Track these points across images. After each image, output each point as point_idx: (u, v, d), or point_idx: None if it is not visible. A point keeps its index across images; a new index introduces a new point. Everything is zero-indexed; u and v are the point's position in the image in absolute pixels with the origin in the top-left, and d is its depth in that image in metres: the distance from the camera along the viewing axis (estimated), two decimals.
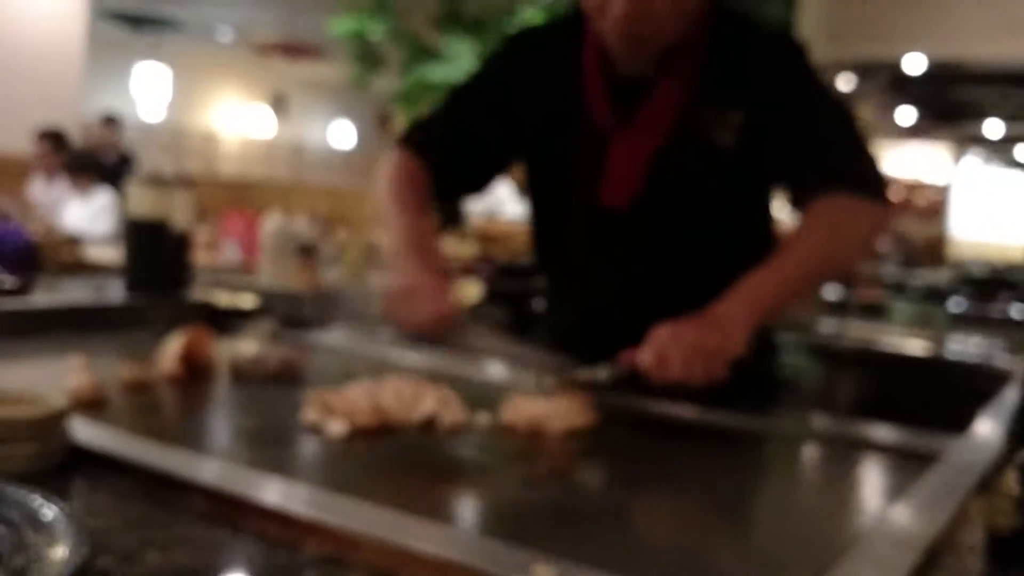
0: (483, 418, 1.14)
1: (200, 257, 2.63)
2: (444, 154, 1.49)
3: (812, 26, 4.85)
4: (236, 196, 10.86)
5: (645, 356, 1.16)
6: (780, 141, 1.33)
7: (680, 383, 1.14)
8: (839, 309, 3.24)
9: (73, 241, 2.64)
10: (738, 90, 1.35)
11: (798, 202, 1.33)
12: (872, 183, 1.33)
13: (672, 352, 1.14)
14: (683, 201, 1.39)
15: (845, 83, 5.77)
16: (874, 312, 3.22)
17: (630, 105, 1.38)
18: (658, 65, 1.36)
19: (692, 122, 1.35)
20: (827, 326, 2.85)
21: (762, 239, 1.44)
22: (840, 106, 1.38)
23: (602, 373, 1.21)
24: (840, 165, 1.32)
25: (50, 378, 1.14)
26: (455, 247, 3.64)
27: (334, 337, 1.72)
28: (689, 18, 1.32)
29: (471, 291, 2.83)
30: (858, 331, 2.79)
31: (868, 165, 1.35)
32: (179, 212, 1.91)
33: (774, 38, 1.40)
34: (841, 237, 1.30)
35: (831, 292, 3.43)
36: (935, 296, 3.29)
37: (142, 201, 1.83)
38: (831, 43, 5.22)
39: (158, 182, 1.86)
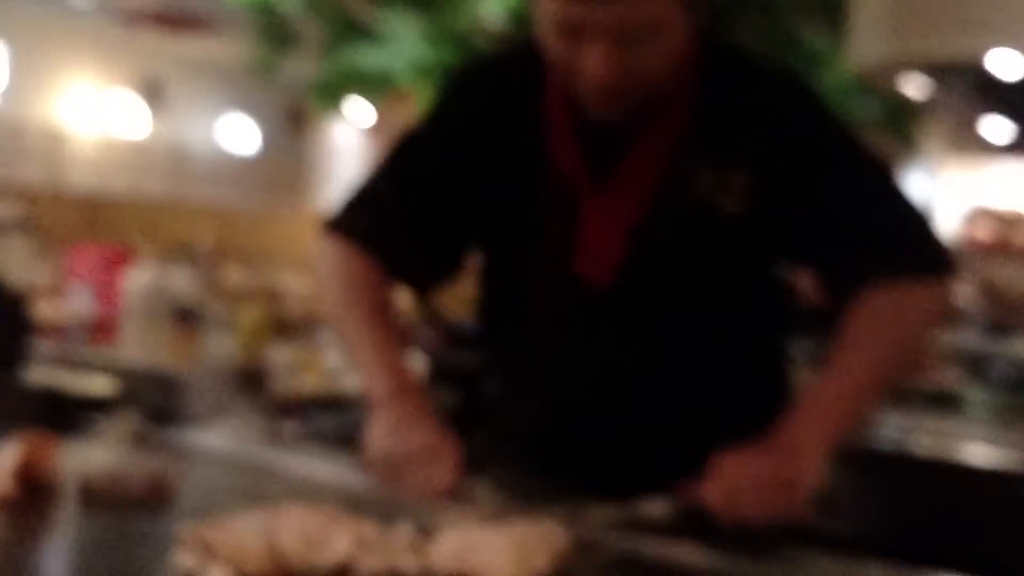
0: (411, 563, 1.18)
1: (40, 310, 2.66)
2: (397, 242, 1.56)
3: (870, 15, 5.00)
4: (90, 218, 10.83)
5: (712, 492, 1.26)
6: (802, 212, 1.43)
7: (753, 522, 1.24)
8: (898, 399, 3.27)
9: None
10: (741, 146, 1.43)
11: (839, 289, 1.42)
12: (931, 257, 1.44)
13: (744, 489, 1.25)
14: (676, 275, 1.47)
15: (914, 88, 5.93)
16: (944, 403, 3.24)
17: (605, 158, 1.46)
18: (643, 114, 1.44)
19: (683, 183, 1.44)
20: (884, 425, 2.88)
21: (773, 320, 1.52)
22: (872, 160, 1.48)
23: (660, 509, 1.30)
24: (890, 243, 1.41)
25: None
26: None
27: (219, 439, 1.76)
28: (678, 59, 1.41)
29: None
30: (925, 434, 2.83)
31: (922, 234, 1.45)
32: (13, 263, 1.95)
33: (779, 77, 1.49)
34: (907, 332, 1.41)
35: None
36: None
37: None
38: (894, 36, 5.38)
39: None
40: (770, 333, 1.44)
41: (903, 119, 9.07)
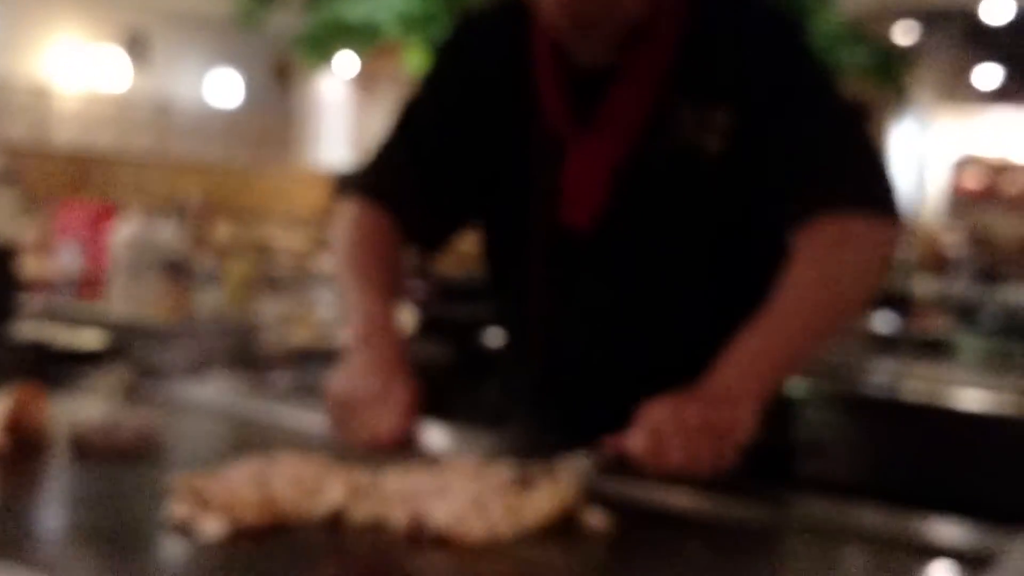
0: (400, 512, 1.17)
1: (28, 266, 2.65)
2: (411, 197, 1.59)
3: None
4: (76, 175, 10.80)
5: (637, 440, 1.23)
6: (775, 148, 1.43)
7: (680, 472, 1.22)
8: (889, 346, 3.31)
9: None
10: (724, 83, 1.44)
11: (791, 222, 1.42)
12: (880, 200, 1.44)
13: (671, 435, 1.22)
14: (658, 218, 1.48)
15: (905, 34, 5.92)
16: (935, 350, 3.30)
17: (590, 103, 1.46)
18: (622, 53, 1.45)
19: (666, 123, 1.44)
20: (876, 371, 2.92)
21: (759, 260, 1.51)
22: (844, 104, 1.48)
23: (583, 461, 1.27)
24: (840, 181, 1.42)
25: None
26: None
27: (209, 391, 1.76)
28: None
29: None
30: (917, 380, 2.86)
31: (874, 177, 1.45)
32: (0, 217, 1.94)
33: (767, 16, 1.49)
34: (848, 271, 1.39)
35: (881, 323, 3.50)
36: (1018, 328, 3.35)
37: None
38: None
39: None
40: (755, 273, 1.43)
41: (894, 67, 9.06)
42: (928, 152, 12.77)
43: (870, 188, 1.43)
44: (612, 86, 1.45)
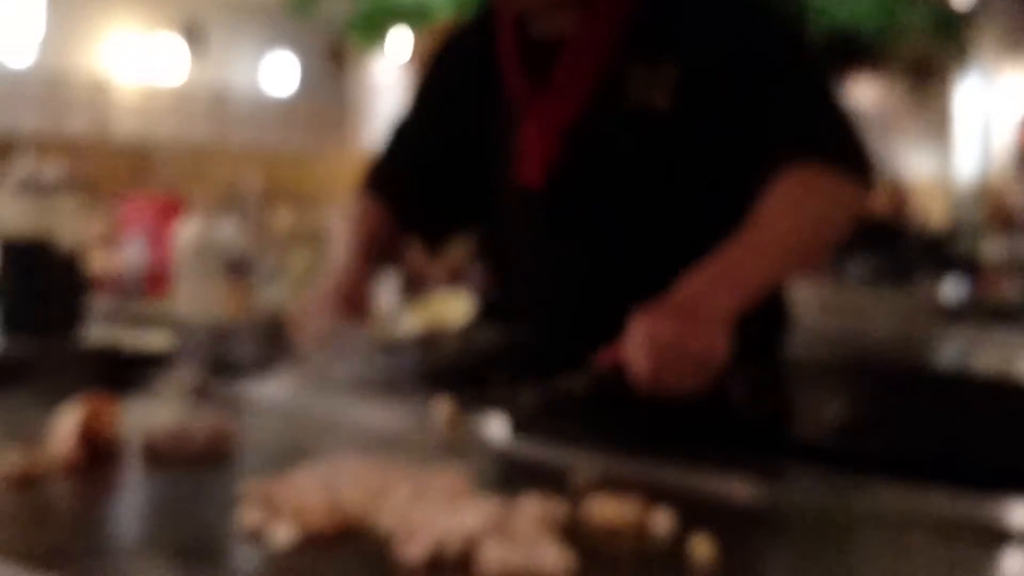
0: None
1: (94, 261, 2.69)
2: (406, 189, 1.72)
3: None
4: (137, 166, 10.94)
5: (638, 357, 1.30)
6: (726, 100, 1.45)
7: (670, 393, 1.30)
8: (958, 316, 3.21)
9: None
10: (670, 38, 1.47)
11: (757, 177, 1.44)
12: (850, 152, 1.46)
13: (668, 355, 1.29)
14: (607, 176, 1.53)
15: None
16: (1006, 317, 3.16)
17: (546, 69, 1.52)
18: (578, 20, 1.50)
19: (617, 83, 1.49)
20: (945, 344, 2.85)
21: (724, 216, 1.51)
22: (805, 53, 1.51)
23: (578, 383, 1.36)
24: (808, 129, 1.45)
25: None
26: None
27: (275, 388, 1.78)
28: None
29: (456, 307, 2.89)
30: (989, 351, 2.75)
31: (844, 131, 1.47)
32: (64, 223, 1.98)
33: None
34: (816, 215, 1.43)
35: (948, 291, 3.42)
36: None
37: (15, 215, 1.90)
38: None
39: (36, 188, 1.92)
40: (718, 226, 1.45)
41: (954, 25, 8.90)
42: (993, 110, 12.54)
43: (838, 143, 1.46)
44: (564, 50, 1.52)
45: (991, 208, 9.07)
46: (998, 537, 1.17)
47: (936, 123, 12.58)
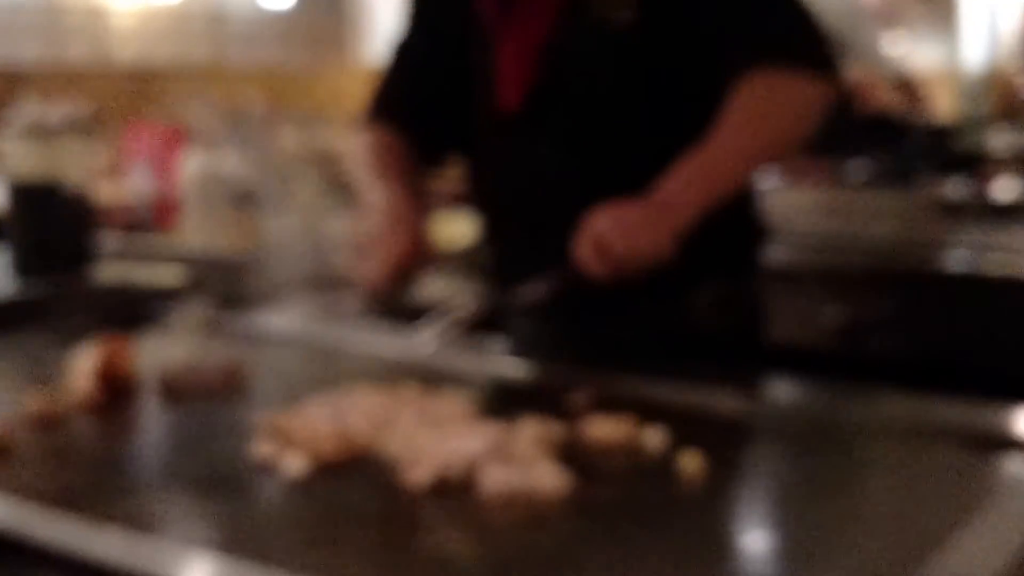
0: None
1: (101, 191, 2.71)
2: (415, 113, 1.72)
3: None
4: (137, 92, 10.79)
5: (582, 248, 1.37)
6: (688, 8, 1.50)
7: (622, 265, 1.36)
8: (962, 213, 3.09)
9: None
10: None
11: (720, 83, 1.47)
12: (812, 51, 1.50)
13: (611, 232, 1.36)
14: (579, 94, 1.56)
15: None
16: (1010, 214, 3.01)
17: None
18: None
19: (584, 1, 1.52)
20: (949, 243, 2.75)
21: (696, 122, 1.54)
22: None
23: (537, 290, 1.45)
24: (766, 31, 1.49)
25: None
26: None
27: (286, 320, 1.82)
28: None
29: (459, 230, 2.92)
30: (996, 250, 2.61)
31: (806, 31, 1.51)
32: (72, 164, 2.01)
33: None
34: (781, 114, 1.48)
35: (951, 188, 3.33)
36: None
37: (23, 159, 1.93)
38: None
39: (42, 131, 1.95)
40: (690, 132, 1.48)
41: None
42: None
43: (797, 43, 1.50)
44: None
45: (997, 96, 8.95)
46: (1002, 444, 1.18)
47: (942, 9, 12.37)
